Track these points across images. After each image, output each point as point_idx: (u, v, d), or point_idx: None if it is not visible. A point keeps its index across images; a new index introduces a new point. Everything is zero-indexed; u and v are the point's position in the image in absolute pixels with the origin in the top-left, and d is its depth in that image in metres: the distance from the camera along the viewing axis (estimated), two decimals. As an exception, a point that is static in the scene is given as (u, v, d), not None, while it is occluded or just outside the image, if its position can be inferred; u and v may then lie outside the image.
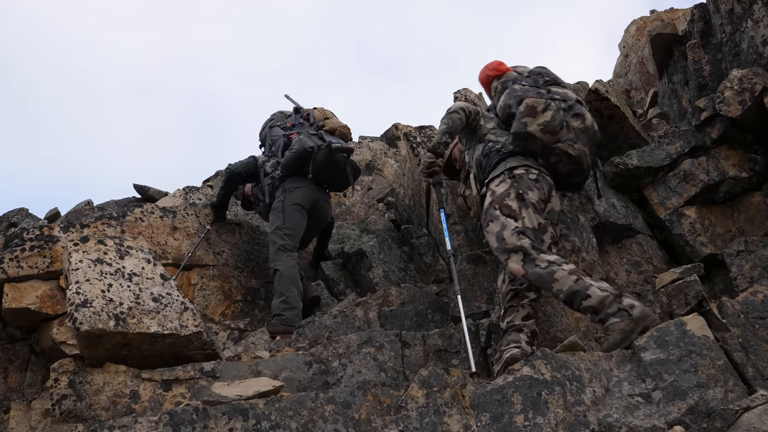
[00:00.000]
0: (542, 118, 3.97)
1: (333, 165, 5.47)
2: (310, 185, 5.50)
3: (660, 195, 4.88)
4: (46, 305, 4.54)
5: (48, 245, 4.68)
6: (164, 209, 5.60)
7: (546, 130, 3.96)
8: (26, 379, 4.51)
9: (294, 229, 5.37)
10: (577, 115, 4.05)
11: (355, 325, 4.58)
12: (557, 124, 3.97)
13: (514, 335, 3.66)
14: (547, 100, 4.04)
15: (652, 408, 3.16)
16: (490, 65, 4.53)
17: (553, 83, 4.27)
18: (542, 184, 3.93)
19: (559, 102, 4.05)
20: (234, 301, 5.51)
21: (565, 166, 4.05)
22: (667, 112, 6.13)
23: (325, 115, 5.82)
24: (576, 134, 4.01)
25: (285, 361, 3.58)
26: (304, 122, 5.79)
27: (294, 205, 5.41)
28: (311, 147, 5.41)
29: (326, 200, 5.68)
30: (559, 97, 4.10)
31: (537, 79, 4.28)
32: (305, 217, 5.49)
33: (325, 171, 5.48)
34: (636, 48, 7.97)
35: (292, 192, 5.45)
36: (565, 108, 4.04)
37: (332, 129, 5.67)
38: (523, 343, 3.63)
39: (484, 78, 4.56)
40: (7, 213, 7.87)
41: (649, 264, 4.70)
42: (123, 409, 3.07)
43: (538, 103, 4.02)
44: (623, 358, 3.43)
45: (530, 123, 3.98)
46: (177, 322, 3.34)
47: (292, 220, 5.37)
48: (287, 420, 3.09)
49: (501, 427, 3.06)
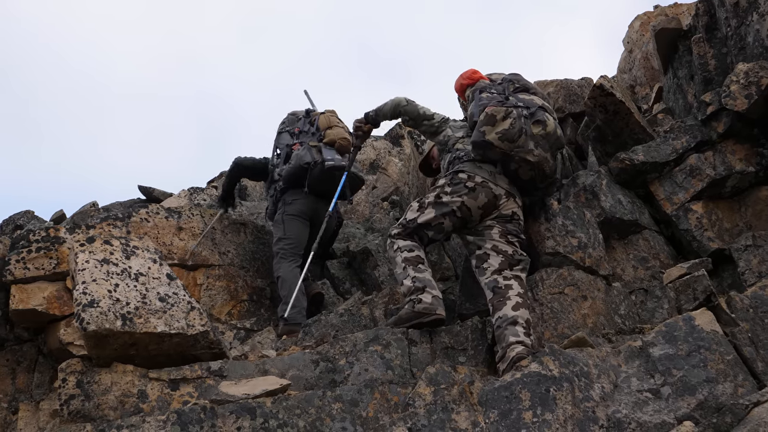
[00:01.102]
0: (501, 127, 4.12)
1: (329, 180, 5.52)
2: (309, 197, 5.59)
3: (666, 190, 4.86)
4: (52, 306, 4.55)
5: (54, 246, 4.69)
6: (169, 210, 5.60)
7: (504, 138, 4.11)
8: (34, 380, 4.52)
9: (295, 239, 5.51)
10: (538, 122, 4.19)
11: (362, 323, 4.58)
12: (515, 132, 4.12)
13: (510, 329, 3.65)
14: (508, 108, 4.17)
15: (661, 403, 3.15)
16: (464, 74, 4.77)
17: (523, 90, 4.42)
18: (479, 192, 4.11)
19: (521, 109, 4.19)
20: (240, 301, 5.51)
21: (525, 173, 4.20)
22: (672, 107, 6.10)
23: (329, 124, 5.78)
24: (536, 141, 4.16)
25: (292, 360, 3.57)
26: (310, 128, 5.81)
27: (292, 216, 5.55)
28: (307, 163, 5.52)
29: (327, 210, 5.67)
30: (523, 104, 4.24)
31: (507, 87, 4.43)
32: (306, 225, 5.60)
33: (322, 185, 5.55)
34: (640, 43, 7.94)
35: (291, 204, 5.58)
36: (527, 115, 4.18)
37: (331, 141, 5.68)
38: (522, 335, 3.62)
39: (458, 87, 4.82)
40: (12, 215, 7.88)
41: (655, 259, 4.68)
42: (131, 408, 3.07)
43: (498, 111, 4.16)
44: (631, 353, 3.42)
45: (489, 132, 4.13)
46: (184, 322, 3.34)
47: (293, 230, 5.52)
48: (295, 418, 3.09)
49: (509, 423, 3.06)
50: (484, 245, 4.07)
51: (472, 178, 4.16)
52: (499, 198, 4.15)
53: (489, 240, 4.07)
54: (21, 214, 7.86)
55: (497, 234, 4.08)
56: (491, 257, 4.01)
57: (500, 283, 3.88)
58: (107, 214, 5.65)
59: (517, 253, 4.04)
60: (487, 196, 4.13)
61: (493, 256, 4.01)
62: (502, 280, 3.90)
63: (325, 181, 5.51)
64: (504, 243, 4.05)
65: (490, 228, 4.11)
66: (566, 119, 6.39)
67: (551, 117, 4.29)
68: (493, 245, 4.04)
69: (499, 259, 3.99)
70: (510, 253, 4.02)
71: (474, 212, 4.13)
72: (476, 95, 4.45)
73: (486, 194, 4.13)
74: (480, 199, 4.12)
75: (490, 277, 3.94)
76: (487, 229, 4.11)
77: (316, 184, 5.54)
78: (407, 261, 4.05)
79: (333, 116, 5.89)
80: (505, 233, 4.09)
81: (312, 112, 5.96)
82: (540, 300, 4.03)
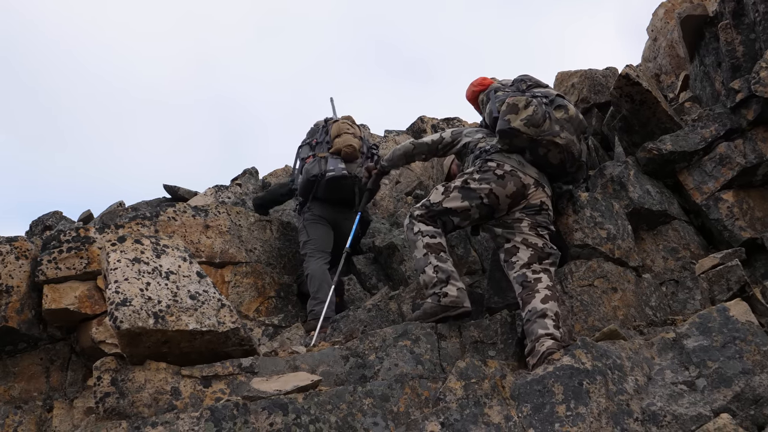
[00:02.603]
0: (524, 114, 4.14)
1: (335, 189, 5.61)
2: (326, 205, 5.70)
3: (695, 180, 4.79)
4: (84, 305, 4.60)
5: (84, 246, 4.75)
6: (196, 208, 5.64)
7: (530, 124, 4.12)
8: (67, 379, 4.58)
9: (319, 239, 5.60)
10: (560, 107, 4.22)
11: (390, 318, 4.57)
12: (540, 117, 4.14)
13: (539, 322, 3.62)
14: (528, 97, 4.21)
15: (696, 396, 3.12)
16: (475, 82, 4.86)
17: (535, 86, 4.46)
18: (507, 181, 4.07)
19: (540, 98, 4.23)
20: (267, 298, 5.54)
21: (555, 156, 4.19)
22: (699, 95, 6.02)
23: (338, 132, 5.81)
24: (561, 124, 4.17)
25: (322, 356, 3.58)
26: (325, 137, 5.87)
27: (311, 220, 5.66)
28: (314, 176, 5.62)
29: (347, 218, 5.68)
30: (540, 94, 4.28)
31: (519, 86, 4.48)
32: (329, 227, 5.69)
33: (330, 194, 5.65)
34: (665, 31, 7.83)
35: (309, 211, 5.70)
36: (547, 102, 4.21)
37: (337, 150, 5.72)
38: (551, 328, 3.59)
39: (470, 95, 4.89)
40: (41, 216, 7.99)
41: (686, 250, 4.62)
42: (165, 405, 3.09)
43: (519, 100, 4.20)
44: (665, 345, 3.38)
45: (513, 119, 4.15)
46: (214, 319, 3.35)
47: (316, 232, 5.62)
48: (326, 414, 3.10)
49: (542, 417, 3.04)
50: (514, 238, 4.03)
51: (501, 166, 4.13)
52: (527, 187, 4.11)
53: (519, 233, 4.03)
54: (49, 215, 7.97)
55: (527, 227, 4.04)
56: (520, 250, 3.97)
57: (529, 277, 3.85)
58: (135, 214, 5.70)
59: (547, 246, 4.00)
60: (515, 185, 4.09)
61: (523, 250, 3.97)
62: (531, 273, 3.86)
63: (332, 190, 5.60)
64: (534, 236, 4.00)
65: (519, 221, 4.06)
66: (591, 110, 6.33)
67: (570, 103, 4.31)
68: (523, 238, 4.00)
69: (528, 253, 3.95)
70: (540, 246, 3.98)
71: (502, 201, 4.07)
72: (492, 95, 4.53)
73: (515, 183, 4.09)
74: (508, 188, 4.08)
75: (519, 272, 3.91)
76: (517, 222, 4.07)
77: (324, 194, 5.64)
78: (429, 247, 4.01)
79: (344, 123, 5.91)
80: (534, 225, 4.04)
81: (329, 120, 6.01)
82: (569, 292, 4.00)
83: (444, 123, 9.13)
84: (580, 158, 4.28)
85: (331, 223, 5.69)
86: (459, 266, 5.47)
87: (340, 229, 5.66)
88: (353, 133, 5.79)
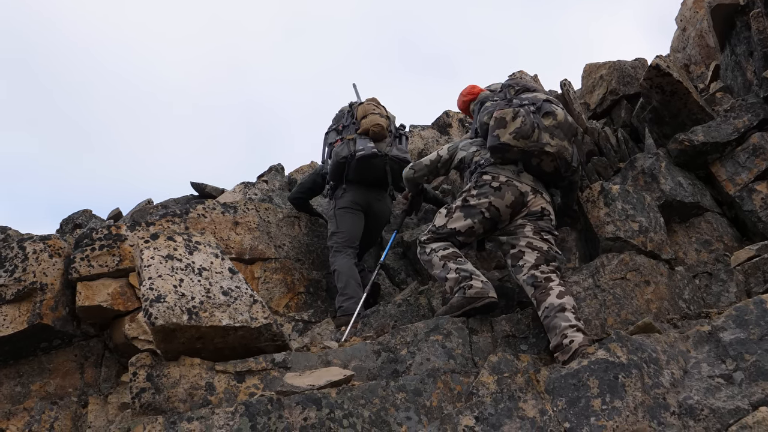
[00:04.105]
0: (513, 126, 4.17)
1: (367, 169, 5.57)
2: (359, 188, 5.64)
3: (728, 171, 4.72)
4: (117, 302, 4.66)
5: (116, 244, 4.80)
6: (225, 205, 5.67)
7: (519, 136, 4.15)
8: (101, 375, 4.64)
9: (348, 232, 5.55)
10: (548, 114, 4.23)
11: (420, 313, 4.57)
12: (528, 127, 4.16)
13: (560, 316, 3.61)
14: (515, 108, 4.22)
15: (734, 389, 3.08)
16: (464, 91, 4.96)
17: (524, 91, 4.48)
18: (505, 191, 4.12)
19: (527, 106, 4.23)
20: (297, 293, 5.55)
21: (548, 164, 4.22)
22: (730, 85, 5.92)
23: (364, 113, 5.76)
24: (551, 132, 4.18)
25: (354, 351, 3.59)
26: (351, 121, 5.84)
27: (344, 209, 5.60)
28: (344, 157, 5.58)
29: (380, 198, 5.68)
30: (528, 101, 4.28)
31: (507, 92, 4.51)
32: (359, 216, 5.63)
33: (362, 176, 5.61)
34: (694, 21, 7.73)
35: (341, 197, 5.64)
36: (534, 110, 4.22)
37: (365, 131, 5.67)
38: (573, 319, 3.59)
39: (461, 104, 5.00)
40: (71, 215, 8.08)
41: (719, 242, 4.56)
42: (199, 400, 3.12)
43: (506, 113, 4.22)
44: (700, 338, 3.34)
45: (502, 134, 4.18)
46: (247, 315, 3.37)
47: (346, 224, 5.56)
48: (360, 408, 3.10)
49: (578, 411, 3.01)
50: (518, 243, 4.06)
51: (497, 178, 4.19)
52: (525, 195, 4.15)
53: (522, 237, 4.06)
54: (79, 213, 8.06)
55: (530, 231, 4.07)
56: (526, 254, 3.99)
57: (539, 277, 3.86)
58: (165, 211, 5.75)
59: (552, 249, 4.04)
60: (513, 194, 4.13)
61: (528, 253, 3.99)
62: (540, 274, 3.88)
63: (363, 170, 5.56)
64: (538, 239, 4.03)
65: (522, 226, 4.11)
66: (620, 101, 6.27)
67: (558, 107, 4.32)
68: (528, 242, 4.03)
69: (534, 255, 3.97)
70: (545, 249, 4.00)
71: (503, 211, 4.13)
72: (478, 108, 4.60)
73: (512, 192, 4.14)
74: (507, 198, 4.12)
75: (527, 273, 3.92)
76: (519, 228, 4.11)
77: (356, 176, 5.59)
78: (445, 258, 4.07)
79: (370, 104, 5.87)
80: (538, 230, 4.08)
81: (354, 104, 5.96)
82: (602, 286, 3.97)
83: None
84: (573, 162, 4.30)
85: (363, 207, 5.64)
86: (488, 260, 5.45)
87: (372, 209, 5.65)
88: (379, 113, 5.78)
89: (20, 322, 4.41)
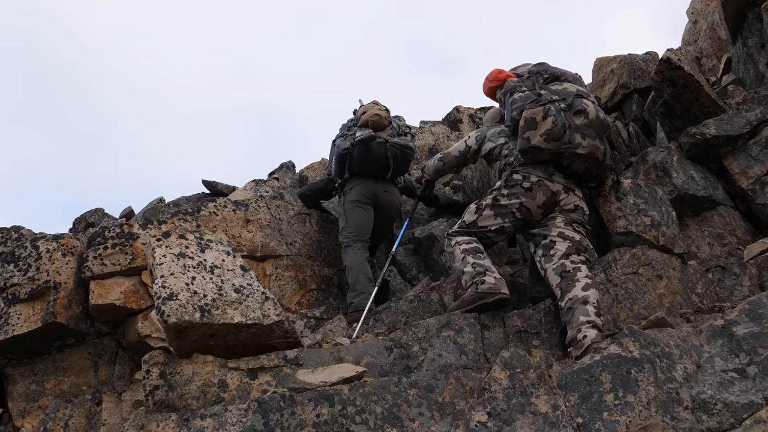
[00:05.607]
0: (543, 128, 4.08)
1: (369, 158, 5.61)
2: (367, 181, 5.66)
3: (741, 164, 4.69)
4: (130, 300, 4.69)
5: (129, 242, 4.83)
6: (236, 203, 5.69)
7: (550, 138, 4.07)
8: (115, 372, 4.68)
9: (357, 226, 5.56)
10: (579, 112, 4.12)
11: (431, 309, 4.57)
12: (559, 129, 4.06)
13: (581, 308, 3.59)
14: (546, 105, 4.11)
15: (747, 383, 3.06)
16: (490, 76, 4.74)
17: (553, 79, 4.38)
18: (536, 192, 4.08)
19: (558, 103, 4.12)
20: (309, 290, 5.57)
21: (579, 165, 4.15)
22: (742, 78, 5.88)
23: (364, 110, 5.89)
24: (582, 132, 4.08)
25: (366, 347, 3.59)
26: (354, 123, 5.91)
27: (351, 203, 5.62)
28: (345, 149, 5.65)
29: (387, 190, 5.70)
30: (558, 96, 4.17)
31: (536, 80, 4.40)
32: (368, 210, 5.65)
33: (366, 165, 5.64)
34: (705, 13, 7.66)
35: (348, 193, 5.68)
36: (565, 108, 4.11)
37: (364, 123, 5.75)
38: (593, 315, 3.56)
39: (487, 91, 4.82)
40: (84, 214, 8.13)
41: (732, 236, 4.52)
42: (212, 398, 3.13)
43: (537, 113, 4.11)
44: (713, 333, 3.32)
45: (533, 136, 4.10)
46: (259, 312, 3.38)
47: (354, 218, 5.59)
48: (372, 405, 3.11)
49: (590, 406, 3.01)
50: (550, 233, 4.03)
51: (528, 178, 4.14)
52: (557, 194, 4.12)
53: (554, 227, 4.04)
54: (92, 212, 8.10)
55: (561, 222, 4.04)
56: (557, 243, 3.96)
57: (568, 267, 3.83)
58: (177, 209, 5.77)
59: (584, 240, 4.00)
60: (545, 194, 4.10)
61: (560, 242, 3.96)
62: (570, 264, 3.84)
63: (366, 159, 5.60)
64: (570, 230, 4.01)
65: (553, 218, 4.08)
66: (631, 95, 6.23)
67: (590, 102, 4.22)
68: (559, 232, 4.00)
69: (566, 244, 3.94)
70: (577, 239, 3.97)
71: (534, 212, 4.11)
72: (507, 99, 4.45)
73: (544, 192, 4.10)
74: (539, 198, 4.10)
75: (557, 262, 3.88)
76: (551, 219, 4.08)
77: (359, 166, 5.63)
78: (466, 252, 4.05)
79: (369, 103, 6.00)
80: (569, 222, 4.05)
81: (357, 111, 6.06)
82: (614, 281, 3.95)
83: (481, 112, 9.07)
84: (605, 160, 4.24)
85: (371, 199, 5.67)
86: (499, 256, 5.45)
87: (380, 201, 5.68)
88: (378, 108, 5.88)
89: (34, 320, 4.45)
